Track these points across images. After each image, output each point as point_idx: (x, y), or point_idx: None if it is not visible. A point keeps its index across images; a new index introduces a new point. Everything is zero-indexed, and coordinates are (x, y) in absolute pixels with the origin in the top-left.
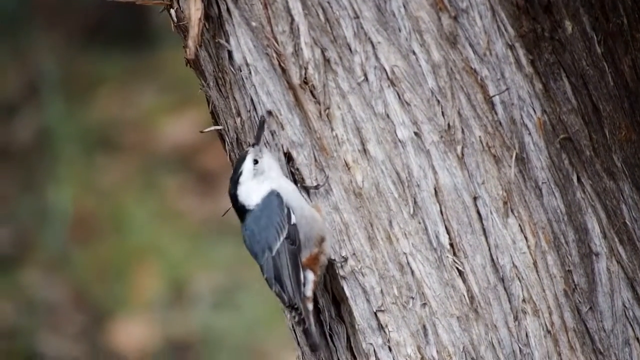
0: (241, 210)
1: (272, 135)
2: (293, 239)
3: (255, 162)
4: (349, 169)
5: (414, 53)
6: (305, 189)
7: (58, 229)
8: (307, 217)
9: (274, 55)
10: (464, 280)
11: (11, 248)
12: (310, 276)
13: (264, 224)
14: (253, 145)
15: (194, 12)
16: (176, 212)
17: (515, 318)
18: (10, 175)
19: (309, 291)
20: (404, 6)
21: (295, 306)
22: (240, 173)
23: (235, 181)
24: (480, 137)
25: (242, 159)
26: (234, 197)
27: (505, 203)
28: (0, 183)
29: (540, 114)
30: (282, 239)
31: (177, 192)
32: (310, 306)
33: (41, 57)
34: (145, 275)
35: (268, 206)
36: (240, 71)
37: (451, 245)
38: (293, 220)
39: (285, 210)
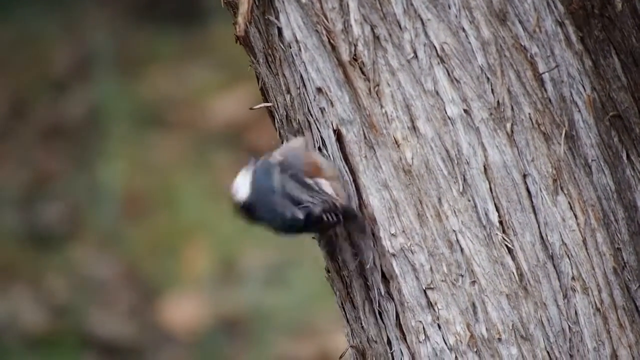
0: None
1: (322, 112)
2: None
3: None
4: (398, 146)
5: (464, 30)
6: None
7: (109, 206)
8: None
9: (324, 32)
10: (513, 258)
11: (63, 225)
12: None
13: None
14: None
15: None
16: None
17: (565, 296)
18: (62, 152)
19: None
20: None
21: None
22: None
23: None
24: (529, 114)
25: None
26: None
27: (554, 180)
28: (52, 160)
29: (589, 92)
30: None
31: (228, 169)
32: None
33: (93, 33)
34: (196, 253)
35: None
36: (290, 48)
37: (500, 222)
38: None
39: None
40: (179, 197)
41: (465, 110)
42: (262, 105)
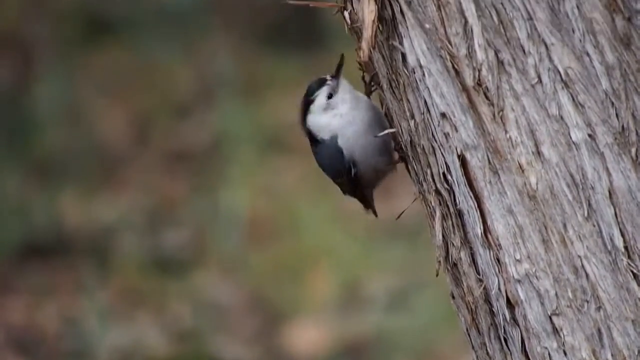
0: (310, 137)
1: (446, 137)
2: (354, 183)
3: (330, 96)
4: (522, 171)
5: (588, 54)
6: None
7: (233, 231)
8: (373, 166)
9: (448, 57)
10: (639, 284)
11: (187, 251)
12: None
13: (328, 163)
14: (332, 78)
15: (368, 14)
16: (349, 213)
17: None
18: (185, 178)
19: None
20: (578, 7)
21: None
22: (312, 101)
23: (305, 109)
24: None
25: (317, 88)
26: (303, 123)
27: None
28: (175, 185)
29: None
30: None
31: None
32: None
33: (216, 58)
34: (319, 278)
35: (330, 156)
36: (414, 73)
37: (626, 248)
38: (353, 173)
39: (347, 166)
40: (302, 221)
41: (589, 135)
42: (387, 131)
